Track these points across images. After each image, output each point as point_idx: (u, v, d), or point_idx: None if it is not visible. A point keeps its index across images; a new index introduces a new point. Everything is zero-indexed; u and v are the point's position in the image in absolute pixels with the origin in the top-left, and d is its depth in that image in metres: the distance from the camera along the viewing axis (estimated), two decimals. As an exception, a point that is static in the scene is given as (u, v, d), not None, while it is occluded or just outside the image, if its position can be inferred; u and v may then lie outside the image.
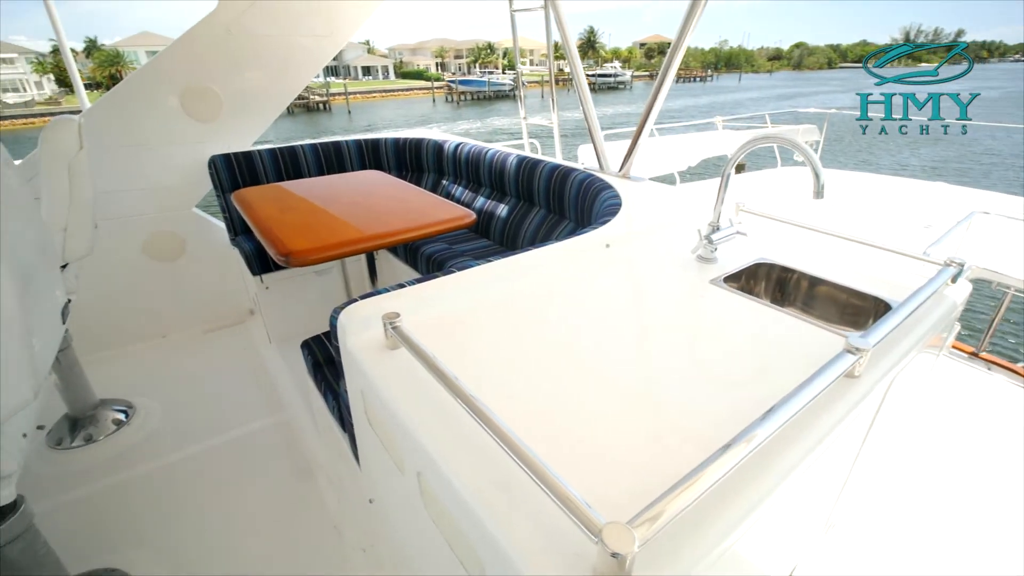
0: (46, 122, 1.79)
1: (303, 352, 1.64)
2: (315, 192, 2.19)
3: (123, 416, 2.23)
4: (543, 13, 2.33)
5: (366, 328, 1.01)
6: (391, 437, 0.90)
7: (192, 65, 2.53)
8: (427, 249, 2.27)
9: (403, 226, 1.75)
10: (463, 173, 2.75)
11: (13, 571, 1.26)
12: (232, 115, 2.70)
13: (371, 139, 3.07)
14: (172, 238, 2.77)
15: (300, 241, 1.57)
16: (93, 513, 1.78)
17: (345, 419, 1.32)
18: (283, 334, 2.64)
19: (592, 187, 1.90)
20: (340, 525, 1.70)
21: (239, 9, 2.47)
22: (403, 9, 75.18)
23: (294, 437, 2.10)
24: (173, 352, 2.75)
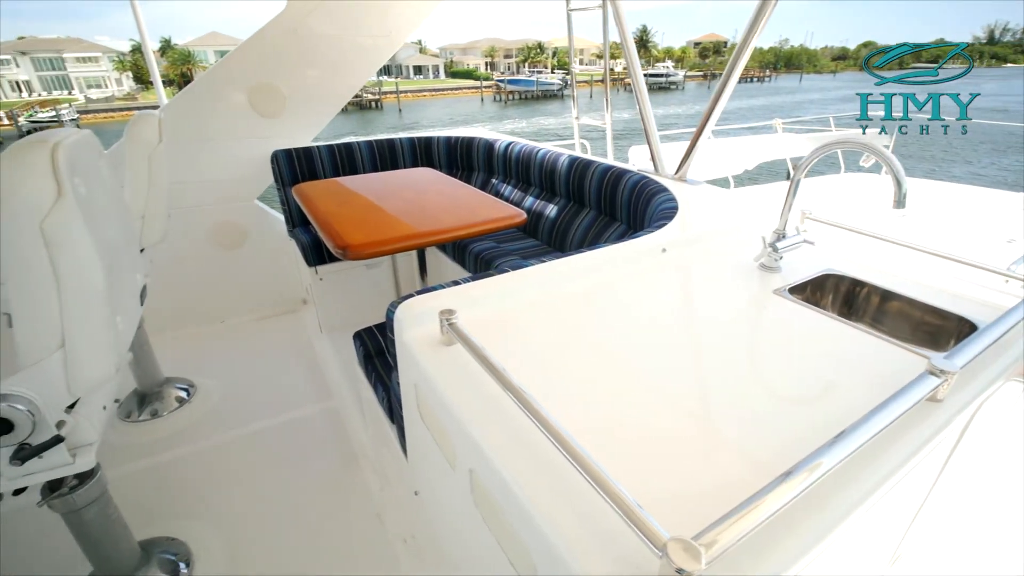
0: (124, 116, 1.93)
1: (355, 343, 1.68)
2: (370, 188, 2.24)
3: (185, 394, 2.37)
4: (596, 13, 2.31)
5: (422, 323, 1.03)
6: (443, 432, 0.91)
7: (260, 64, 2.66)
8: (475, 247, 2.29)
9: (455, 224, 1.77)
10: (513, 172, 2.75)
11: (88, 532, 1.36)
12: (294, 112, 2.82)
13: (423, 137, 3.13)
14: (235, 228, 2.92)
15: (357, 235, 1.62)
16: (154, 484, 1.90)
17: (394, 411, 1.35)
18: (334, 324, 2.72)
19: (646, 189, 1.86)
20: (382, 514, 1.74)
21: (306, 10, 2.57)
22: (455, 10, 76.00)
23: (341, 425, 2.17)
24: (230, 336, 2.90)
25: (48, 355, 0.98)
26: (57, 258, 0.93)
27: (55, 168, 0.92)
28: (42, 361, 0.98)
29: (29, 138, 0.95)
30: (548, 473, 0.70)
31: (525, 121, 32.04)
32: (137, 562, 1.50)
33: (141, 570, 1.50)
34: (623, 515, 0.55)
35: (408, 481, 1.35)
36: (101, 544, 1.39)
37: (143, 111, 1.97)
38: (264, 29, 2.60)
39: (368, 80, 3.05)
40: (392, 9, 2.78)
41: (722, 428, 0.79)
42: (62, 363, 1.00)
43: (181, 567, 1.56)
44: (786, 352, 1.00)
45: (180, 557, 1.59)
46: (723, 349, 1.01)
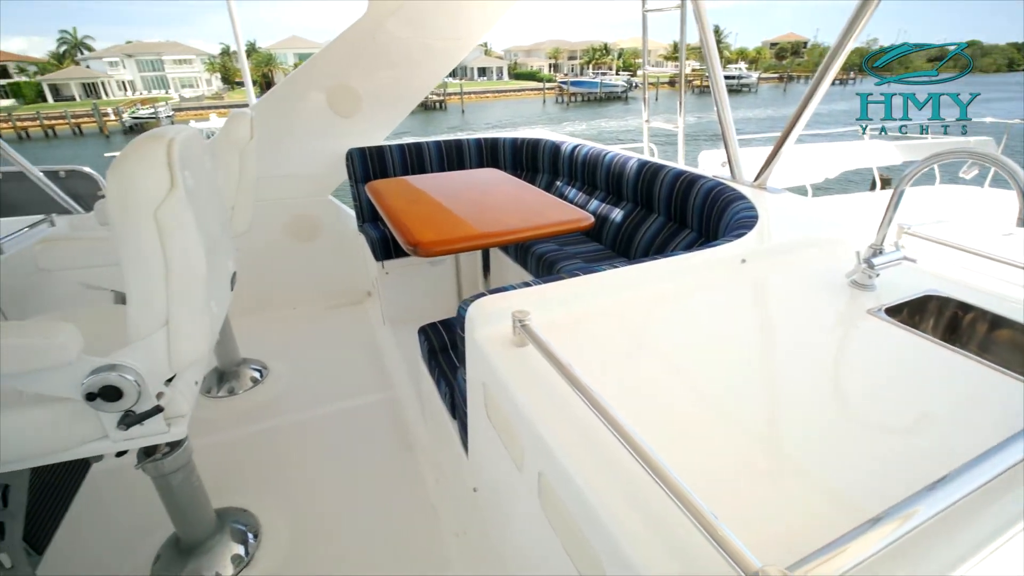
0: (209, 115, 2.07)
1: (420, 337, 1.73)
2: (438, 187, 2.30)
3: (259, 375, 2.52)
4: (666, 14, 2.25)
5: (493, 322, 1.04)
6: (511, 433, 0.91)
7: (340, 66, 2.79)
8: (538, 249, 2.29)
9: (521, 225, 1.78)
10: (578, 175, 2.73)
11: (173, 496, 1.47)
12: (369, 112, 2.94)
13: (490, 138, 3.17)
14: (309, 221, 3.08)
15: (427, 233, 1.66)
16: (228, 456, 2.03)
17: (457, 407, 1.37)
18: (396, 317, 2.81)
19: (722, 197, 1.79)
20: (437, 506, 1.77)
21: (387, 12, 2.67)
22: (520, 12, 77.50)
23: (399, 415, 2.23)
24: (300, 323, 3.06)
25: (154, 332, 1.08)
26: (167, 244, 1.02)
27: (170, 162, 1.00)
28: (148, 337, 1.07)
29: (148, 134, 1.04)
30: (622, 481, 0.68)
31: (585, 123, 31.77)
32: (212, 529, 1.61)
33: (216, 537, 1.61)
34: (707, 535, 0.53)
35: (467, 477, 1.37)
36: (183, 508, 1.51)
37: (237, 110, 2.12)
38: (346, 33, 2.73)
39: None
40: (465, 13, 2.84)
41: (798, 453, 0.74)
42: (165, 340, 1.09)
43: (250, 538, 1.66)
44: (878, 376, 0.93)
45: (250, 528, 1.69)
46: (806, 369, 0.95)
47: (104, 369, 1.02)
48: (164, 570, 1.55)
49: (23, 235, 2.27)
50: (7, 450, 1.07)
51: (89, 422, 1.08)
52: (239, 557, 1.59)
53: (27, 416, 1.05)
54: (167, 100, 41.35)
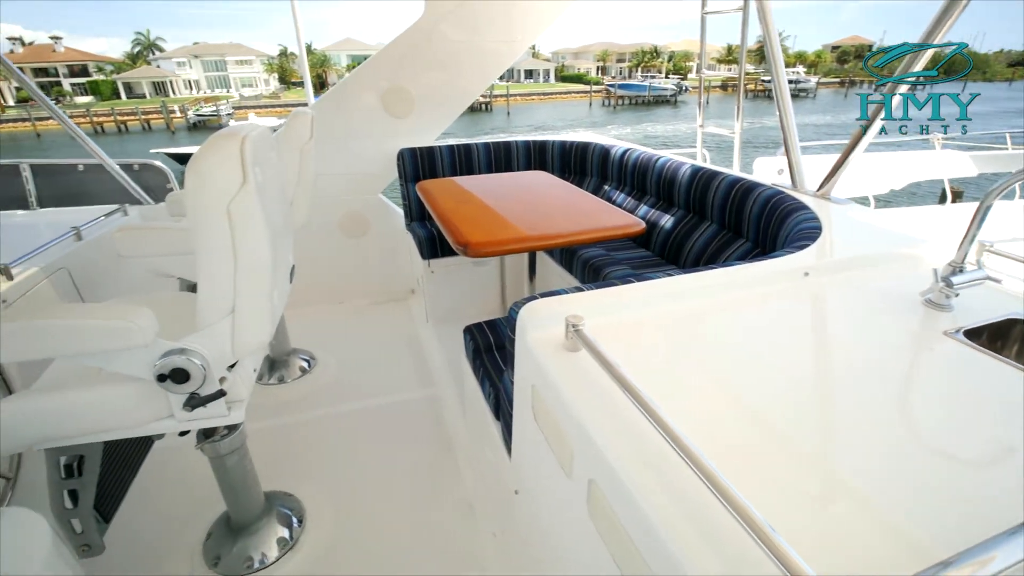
0: (268, 112, 2.15)
1: (465, 336, 1.74)
2: (487, 188, 2.32)
3: (307, 365, 2.61)
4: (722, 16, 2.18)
5: (545, 326, 1.03)
6: (561, 438, 0.90)
7: (395, 67, 2.86)
8: (585, 253, 2.27)
9: (571, 229, 1.77)
10: (627, 179, 2.70)
11: (227, 476, 1.54)
12: (421, 113, 2.99)
13: (538, 140, 3.17)
14: (360, 218, 3.17)
15: (476, 234, 1.68)
16: (276, 442, 2.10)
17: (501, 408, 1.38)
18: (440, 315, 2.85)
19: (781, 206, 1.72)
20: (475, 505, 1.78)
21: (443, 13, 2.72)
22: (570, 13, 77.20)
23: (440, 412, 2.26)
24: (347, 317, 3.15)
25: (220, 320, 1.13)
26: (237, 236, 1.07)
27: (243, 158, 1.05)
28: (215, 324, 1.13)
29: (223, 131, 1.09)
30: (678, 494, 0.67)
31: (629, 127, 31.33)
32: (261, 511, 1.68)
33: (263, 519, 1.68)
34: (768, 552, 0.51)
35: (508, 479, 1.37)
36: (236, 489, 1.58)
37: (298, 109, 2.20)
38: (402, 35, 2.80)
39: (485, 83, 3.18)
40: (519, 15, 2.85)
41: (856, 481, 0.70)
42: (230, 328, 1.15)
43: (294, 522, 1.72)
44: (953, 403, 0.87)
45: (295, 513, 1.75)
46: (871, 392, 0.90)
47: (175, 352, 1.08)
48: (215, 547, 1.62)
49: (99, 223, 2.43)
50: (85, 423, 1.14)
51: (158, 402, 1.15)
52: (284, 540, 1.65)
53: (104, 393, 1.12)
54: (228, 99, 43.56)
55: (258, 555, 1.60)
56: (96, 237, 2.30)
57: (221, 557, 1.59)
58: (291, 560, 1.61)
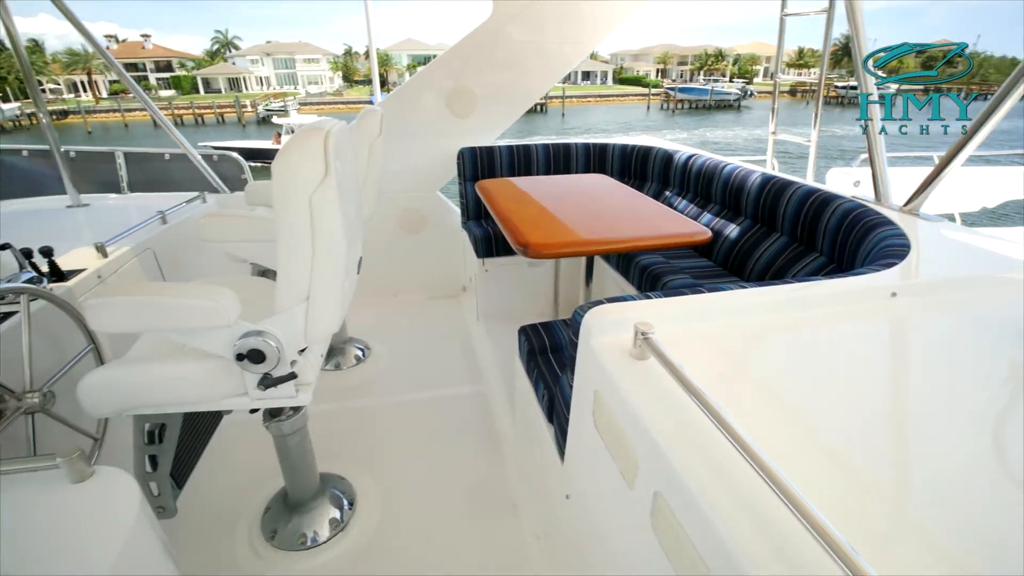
0: (330, 109, 2.23)
1: (519, 337, 1.75)
2: (546, 190, 2.31)
3: (361, 354, 2.70)
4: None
5: (611, 331, 1.02)
6: (625, 447, 0.89)
7: (460, 67, 2.90)
8: (643, 260, 2.23)
9: (632, 234, 1.74)
10: (691, 186, 2.62)
11: (288, 455, 1.61)
12: (483, 113, 3.03)
13: (598, 143, 3.14)
14: (418, 215, 3.24)
15: (537, 235, 1.68)
16: (331, 426, 2.18)
17: (555, 411, 1.37)
18: (490, 313, 2.88)
19: (862, 220, 1.62)
20: (519, 506, 1.78)
21: (510, 15, 2.74)
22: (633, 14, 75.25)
23: (487, 410, 2.28)
24: (401, 310, 3.23)
25: (296, 306, 1.19)
26: (316, 226, 1.12)
27: (325, 152, 1.10)
28: (291, 310, 1.18)
29: (309, 126, 1.15)
30: (753, 514, 0.64)
31: (686, 132, 30.49)
32: (316, 491, 1.75)
33: (317, 499, 1.75)
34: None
35: (559, 483, 1.36)
36: (295, 468, 1.65)
37: (369, 107, 2.28)
38: (470, 35, 2.84)
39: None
40: (588, 16, 2.83)
41: (935, 526, 0.64)
42: (304, 314, 1.20)
43: (345, 505, 1.78)
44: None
45: (346, 496, 1.81)
46: (962, 429, 0.82)
47: (253, 334, 1.14)
48: (272, 521, 1.70)
49: (181, 208, 2.61)
50: (169, 394, 1.23)
51: (234, 380, 1.22)
52: (336, 521, 1.71)
53: (187, 368, 1.20)
54: (295, 95, 45.72)
55: (311, 533, 1.67)
56: (179, 221, 2.47)
57: (277, 531, 1.66)
58: (341, 542, 1.66)
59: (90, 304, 1.06)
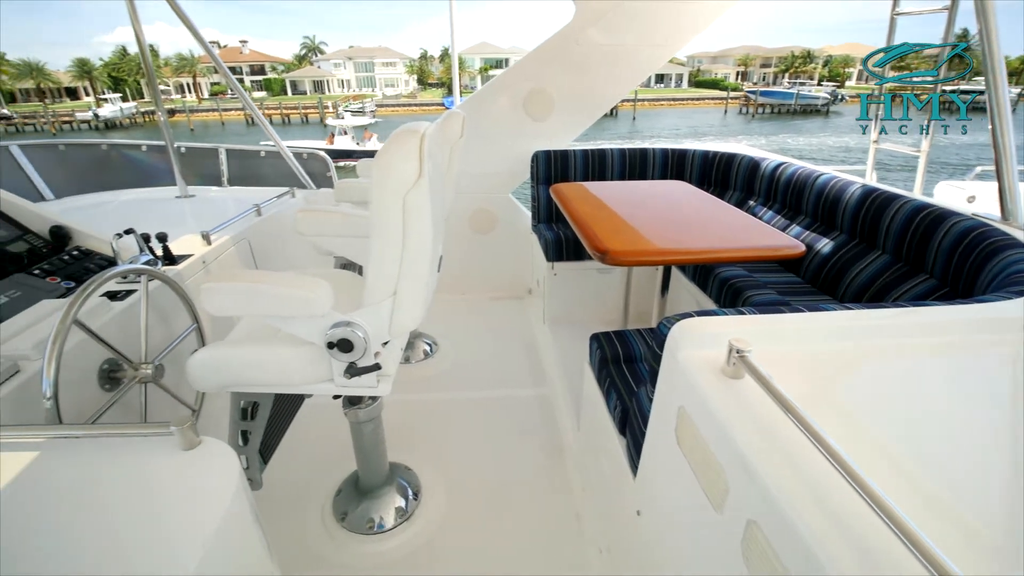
0: (405, 111, 2.29)
1: (591, 344, 1.72)
2: (623, 196, 2.27)
3: (429, 349, 2.77)
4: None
5: (701, 346, 0.98)
6: (714, 470, 0.85)
7: (539, 70, 2.91)
8: (723, 272, 2.13)
9: (716, 245, 1.67)
10: (778, 196, 2.47)
11: (362, 441, 1.68)
12: (560, 116, 3.02)
13: (677, 149, 3.04)
14: (489, 216, 3.28)
15: (616, 242, 1.64)
16: (399, 417, 2.25)
17: (629, 424, 1.34)
18: (557, 317, 2.86)
19: (985, 241, 1.46)
20: (581, 515, 1.76)
21: (591, 18, 2.71)
22: (711, 16, 71.69)
23: (551, 414, 2.27)
24: (467, 308, 3.28)
25: (383, 300, 1.24)
26: (408, 225, 1.16)
27: (420, 153, 1.13)
28: (378, 304, 1.23)
29: (405, 127, 1.19)
30: (863, 552, 0.59)
31: (765, 138, 28.93)
32: (385, 479, 1.81)
33: (386, 487, 1.81)
34: None
35: (629, 498, 1.33)
36: (368, 454, 1.72)
37: (452, 110, 2.33)
38: (551, 38, 2.84)
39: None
40: (673, 18, 2.75)
41: None
42: (390, 308, 1.25)
43: (410, 495, 1.83)
44: None
45: (412, 486, 1.87)
46: None
47: (343, 324, 1.20)
48: (343, 503, 1.78)
49: (273, 202, 2.79)
50: (264, 375, 1.31)
51: (322, 366, 1.28)
52: (401, 510, 1.77)
53: (282, 352, 1.28)
54: (372, 97, 47.97)
55: (377, 518, 1.73)
56: (271, 214, 2.65)
57: (348, 514, 1.74)
58: (405, 531, 1.71)
59: (205, 288, 1.15)
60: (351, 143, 20.96)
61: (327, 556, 1.62)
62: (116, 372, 1.45)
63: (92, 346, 1.34)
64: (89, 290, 1.23)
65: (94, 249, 1.86)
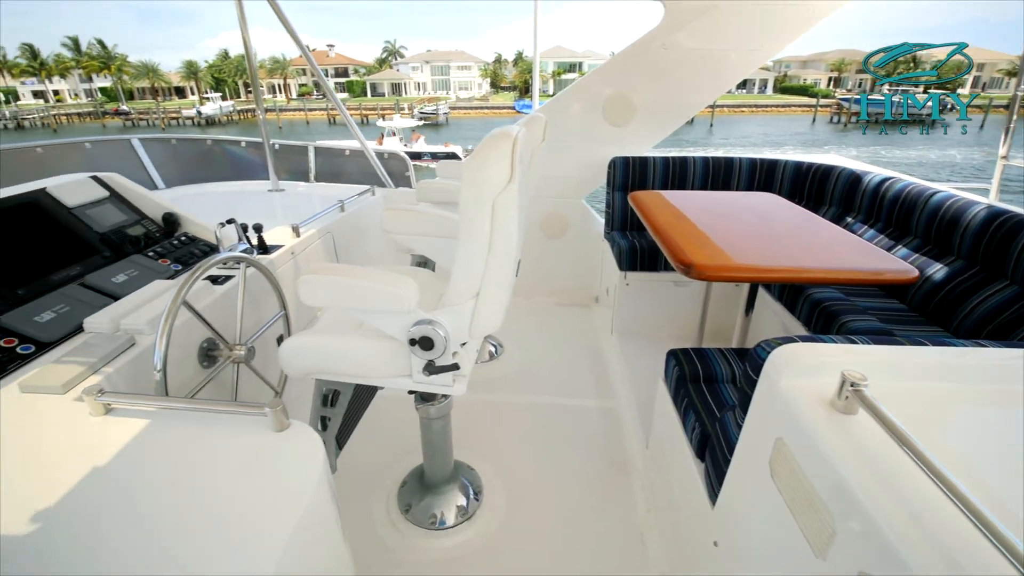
0: (476, 114, 2.29)
1: (668, 360, 1.65)
2: (706, 206, 2.17)
3: (494, 350, 2.78)
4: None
5: (805, 375, 0.90)
6: (817, 510, 0.78)
7: (622, 75, 2.85)
8: (816, 294, 1.98)
9: (815, 264, 1.54)
10: (882, 214, 2.27)
11: (431, 437, 1.71)
12: (641, 122, 2.94)
13: (767, 159, 2.87)
14: (560, 220, 3.26)
15: (702, 255, 1.57)
16: (462, 416, 2.27)
17: (710, 448, 1.26)
18: (626, 329, 2.78)
19: None
20: (645, 536, 1.69)
21: (681, 21, 2.61)
22: (801, 19, 66.09)
23: (616, 429, 2.20)
24: (532, 313, 3.27)
25: (466, 301, 1.24)
26: (495, 229, 1.16)
27: (513, 157, 1.13)
28: (461, 305, 1.24)
29: (499, 131, 1.19)
30: None
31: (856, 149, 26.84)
32: (449, 476, 1.83)
33: (449, 484, 1.83)
34: None
35: (705, 526, 1.26)
36: (435, 450, 1.75)
37: (534, 114, 2.33)
38: (635, 43, 2.77)
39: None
40: (769, 22, 2.60)
41: None
42: (471, 310, 1.25)
43: (471, 494, 1.84)
44: None
45: (474, 486, 1.87)
46: None
47: (425, 323, 1.22)
48: (407, 495, 1.82)
49: (354, 199, 2.92)
50: (348, 366, 1.36)
51: (402, 361, 1.31)
52: (463, 509, 1.78)
53: (367, 345, 1.32)
54: (446, 100, 49.35)
55: (439, 514, 1.75)
56: (353, 210, 2.77)
57: (411, 506, 1.77)
58: (465, 531, 1.72)
59: (303, 280, 1.21)
60: (399, 144, 21.80)
61: (392, 546, 1.66)
62: (213, 351, 1.56)
63: (195, 325, 1.45)
64: (197, 274, 1.33)
65: (199, 236, 2.01)
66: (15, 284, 1.44)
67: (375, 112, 43.11)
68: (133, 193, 2.00)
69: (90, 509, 0.84)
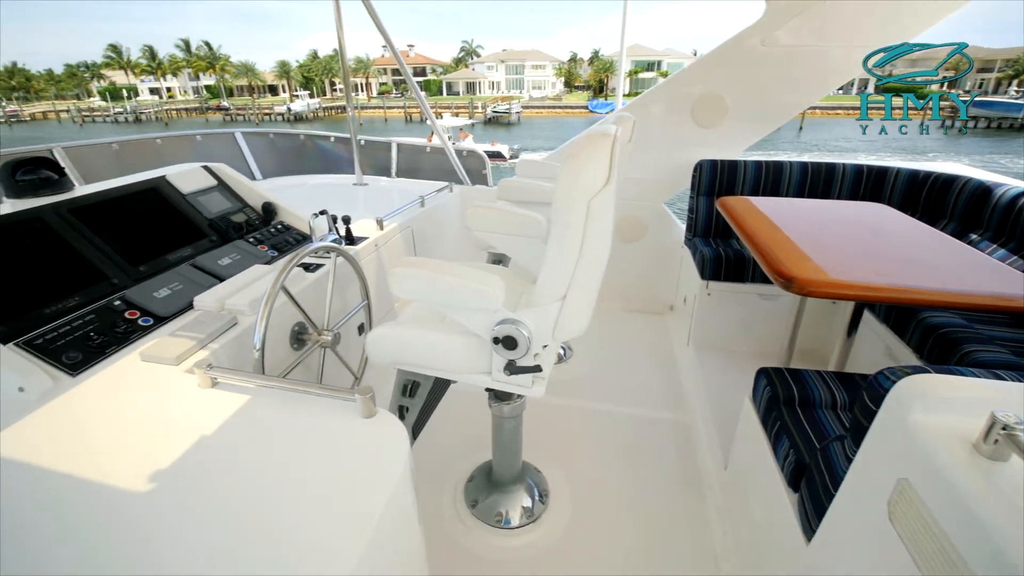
0: (549, 113, 2.22)
1: (758, 379, 1.54)
2: (805, 215, 2.01)
3: (563, 353, 2.74)
4: None
5: (941, 411, 0.80)
6: (953, 566, 0.68)
7: (714, 74, 2.70)
8: (932, 319, 1.78)
9: (936, 286, 1.37)
10: (1017, 233, 2.00)
11: (502, 436, 1.70)
12: (732, 124, 2.78)
13: (875, 166, 2.63)
14: (638, 224, 3.15)
15: (805, 268, 1.44)
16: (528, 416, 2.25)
17: (809, 479, 1.16)
18: (704, 341, 2.65)
19: None
20: (722, 560, 1.59)
21: (783, 17, 2.44)
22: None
23: (689, 445, 2.10)
24: (602, 317, 3.19)
25: (552, 303, 1.22)
26: (588, 231, 1.13)
27: (611, 158, 1.09)
28: (547, 306, 1.22)
29: (596, 130, 1.16)
30: None
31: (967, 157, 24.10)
32: (516, 475, 1.82)
33: (516, 484, 1.82)
34: None
35: (796, 563, 1.16)
36: (504, 449, 1.74)
37: (622, 114, 2.27)
38: (731, 40, 2.61)
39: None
40: (892, 14, 2.36)
41: None
42: (557, 312, 1.23)
43: (537, 496, 1.82)
44: None
45: (539, 488, 1.85)
46: None
47: (509, 322, 1.21)
48: (474, 491, 1.83)
49: (433, 195, 2.98)
50: (429, 358, 1.38)
51: (484, 359, 1.31)
52: (528, 511, 1.76)
53: (451, 339, 1.34)
54: (519, 99, 49.66)
55: (505, 513, 1.74)
56: (432, 206, 2.83)
57: (478, 502, 1.78)
58: (530, 533, 1.70)
59: (393, 272, 1.24)
60: (448, 142, 22.30)
61: (458, 539, 1.68)
62: (303, 334, 1.64)
63: (289, 309, 1.53)
64: (295, 261, 1.40)
65: (293, 225, 2.13)
66: (138, 261, 1.59)
67: (449, 110, 44.27)
68: (237, 183, 2.15)
69: (197, 473, 0.91)
